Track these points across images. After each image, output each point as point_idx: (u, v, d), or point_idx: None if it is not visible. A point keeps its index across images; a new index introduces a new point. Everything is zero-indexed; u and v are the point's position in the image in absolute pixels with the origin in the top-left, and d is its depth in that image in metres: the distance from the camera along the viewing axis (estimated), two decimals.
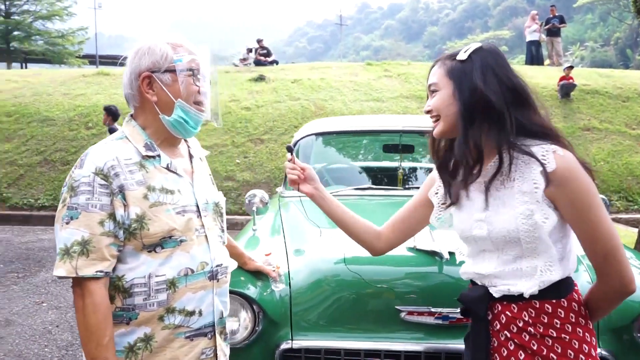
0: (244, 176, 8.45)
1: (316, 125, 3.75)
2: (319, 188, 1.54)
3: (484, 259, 1.30)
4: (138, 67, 1.32)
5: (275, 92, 11.23)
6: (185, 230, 1.32)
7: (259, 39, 15.26)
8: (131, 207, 1.25)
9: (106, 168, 1.25)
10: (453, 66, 1.27)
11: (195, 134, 1.41)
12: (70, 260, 1.20)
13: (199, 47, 1.39)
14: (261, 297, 1.91)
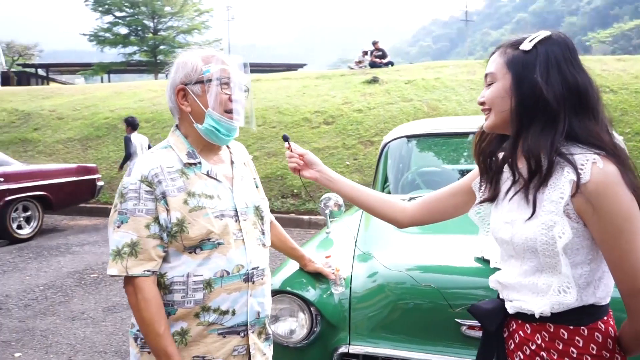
0: (353, 178, 8.53)
1: (407, 128, 3.68)
2: (322, 170, 1.53)
3: (509, 266, 1.21)
4: (174, 81, 1.43)
5: (388, 94, 11.18)
6: (222, 233, 1.39)
7: (374, 40, 15.29)
8: (172, 212, 1.35)
9: (150, 176, 1.35)
10: (514, 56, 1.15)
11: (229, 141, 1.48)
12: (121, 261, 1.32)
13: (231, 57, 1.46)
14: (319, 299, 1.93)
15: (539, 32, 1.16)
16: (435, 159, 3.76)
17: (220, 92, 1.40)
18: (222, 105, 1.40)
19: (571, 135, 1.10)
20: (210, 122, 1.40)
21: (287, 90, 12.36)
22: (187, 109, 1.42)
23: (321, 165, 1.54)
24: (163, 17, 36.60)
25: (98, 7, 35.10)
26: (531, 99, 1.11)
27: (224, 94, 1.41)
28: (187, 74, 1.41)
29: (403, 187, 3.46)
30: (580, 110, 1.10)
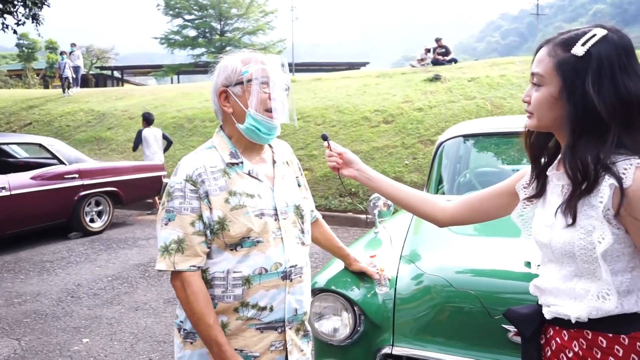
0: (412, 177, 8.40)
1: (464, 127, 3.59)
2: (361, 169, 1.53)
3: (548, 270, 1.16)
4: (216, 84, 1.48)
5: (450, 92, 10.91)
6: (261, 232, 1.42)
7: (437, 37, 14.98)
8: (214, 210, 1.40)
9: (194, 175, 1.41)
10: (565, 61, 1.08)
11: (271, 139, 1.51)
12: (168, 257, 1.38)
13: (270, 57, 1.49)
14: (363, 299, 1.93)
15: (594, 31, 1.08)
16: (492, 159, 3.64)
17: (259, 91, 1.43)
18: (262, 104, 1.43)
19: (618, 146, 1.04)
20: (251, 122, 1.44)
21: (347, 89, 12.36)
22: (229, 110, 1.47)
23: (360, 163, 1.55)
24: (229, 19, 37.72)
25: (169, 11, 36.70)
26: (581, 110, 1.06)
27: (264, 93, 1.44)
28: (228, 76, 1.46)
29: (458, 188, 3.38)
30: (631, 121, 1.04)
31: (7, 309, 4.33)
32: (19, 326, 3.96)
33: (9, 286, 4.94)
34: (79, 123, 13.29)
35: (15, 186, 6.05)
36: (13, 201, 6.01)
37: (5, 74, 38.36)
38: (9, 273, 5.38)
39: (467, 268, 1.99)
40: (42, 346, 3.60)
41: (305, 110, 11.19)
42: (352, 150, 9.79)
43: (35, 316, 4.16)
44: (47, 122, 13.86)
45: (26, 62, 38.31)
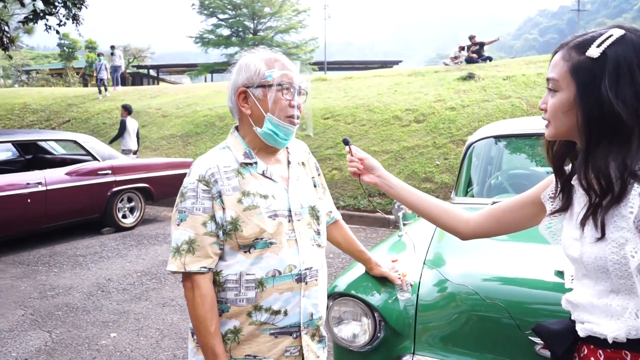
0: (443, 178, 8.26)
1: (494, 127, 3.48)
2: (382, 175, 1.49)
3: (582, 285, 1.09)
4: (236, 82, 1.45)
5: (484, 91, 10.68)
6: (275, 233, 1.39)
7: (471, 35, 14.68)
8: (227, 210, 1.38)
9: (207, 175, 1.39)
10: (580, 64, 1.02)
11: (287, 144, 1.49)
12: (180, 257, 1.37)
13: (292, 63, 1.46)
14: (384, 305, 1.87)
15: (610, 31, 1.02)
16: (525, 161, 3.52)
17: (281, 98, 1.41)
18: (282, 110, 1.41)
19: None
20: (270, 127, 1.41)
21: (379, 88, 12.26)
22: (247, 111, 1.44)
23: (381, 170, 1.51)
24: (262, 18, 38.00)
25: (203, 11, 37.27)
26: (598, 115, 0.99)
27: (285, 100, 1.41)
28: (250, 77, 1.42)
29: (489, 191, 3.28)
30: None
31: (41, 302, 4.45)
32: (50, 319, 4.06)
33: (44, 279, 5.08)
34: (115, 121, 13.58)
35: (50, 181, 6.23)
36: (48, 196, 6.19)
37: (47, 73, 39.72)
38: (44, 266, 5.53)
39: (494, 275, 1.91)
40: (72, 339, 3.68)
41: (335, 109, 11.15)
42: (381, 150, 9.69)
43: (66, 309, 4.26)
44: (84, 120, 14.24)
45: (67, 62, 39.55)
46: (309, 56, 37.93)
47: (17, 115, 15.81)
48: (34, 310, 4.24)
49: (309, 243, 1.47)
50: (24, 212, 5.99)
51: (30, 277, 5.13)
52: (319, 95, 12.43)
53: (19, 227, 6.10)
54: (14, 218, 5.92)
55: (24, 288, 4.81)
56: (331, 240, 1.80)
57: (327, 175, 8.87)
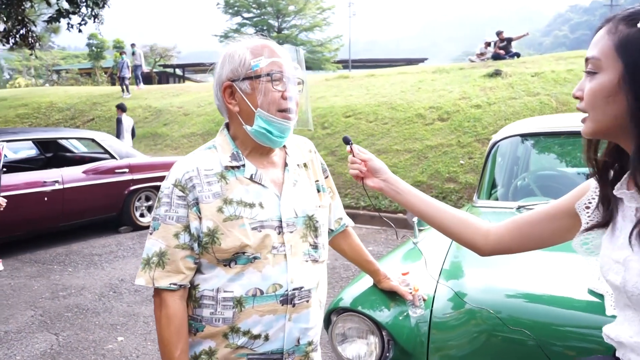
0: (467, 178, 7.96)
1: (521, 125, 3.24)
2: (388, 179, 1.28)
3: (626, 317, 0.89)
4: (220, 76, 1.26)
5: (511, 88, 10.31)
6: (259, 247, 1.22)
7: (498, 31, 14.26)
8: (204, 221, 1.21)
9: (184, 180, 1.23)
10: (630, 37, 0.83)
11: (283, 142, 1.29)
12: (149, 271, 1.22)
13: (283, 47, 1.27)
14: (393, 322, 1.68)
15: None
16: (554, 161, 3.26)
17: (271, 89, 1.22)
18: (274, 104, 1.22)
19: None
20: (261, 124, 1.23)
21: (402, 86, 11.98)
22: (235, 108, 1.26)
23: (387, 173, 1.29)
24: (287, 16, 37.98)
25: (228, 10, 37.47)
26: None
27: (276, 92, 1.22)
28: (234, 69, 1.24)
29: (514, 193, 3.04)
30: None
31: (52, 302, 4.38)
32: (59, 320, 3.98)
33: (57, 278, 5.03)
34: (137, 119, 13.65)
35: (68, 180, 6.19)
36: (66, 194, 6.16)
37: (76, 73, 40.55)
38: (59, 265, 5.49)
39: (518, 292, 1.70)
40: (78, 342, 3.59)
41: (357, 107, 10.93)
42: (404, 149, 9.42)
43: (76, 310, 4.18)
44: (108, 118, 14.36)
45: (95, 61, 40.32)
46: (333, 54, 37.75)
47: (43, 113, 16.06)
48: (44, 311, 4.17)
49: (301, 258, 1.28)
50: (41, 210, 5.96)
51: (44, 276, 5.09)
52: (340, 93, 12.23)
53: (36, 225, 6.08)
54: (31, 216, 5.90)
55: (37, 288, 4.76)
56: (336, 248, 1.61)
57: (347, 175, 8.67)
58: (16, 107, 17.23)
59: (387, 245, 6.15)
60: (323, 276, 1.37)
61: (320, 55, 37.09)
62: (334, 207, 1.53)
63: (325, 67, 35.95)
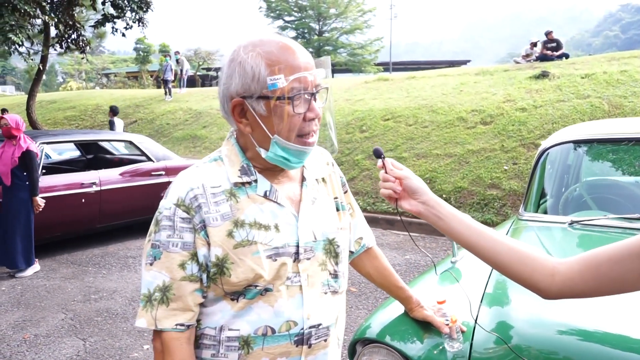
0: (511, 185, 7.59)
1: (573, 131, 2.95)
2: (428, 202, 1.06)
3: None
4: (228, 89, 1.05)
5: (559, 90, 9.80)
6: (273, 278, 1.03)
7: (547, 30, 13.65)
8: (212, 248, 1.02)
9: (188, 199, 1.03)
10: None
11: (301, 164, 1.11)
12: (151, 309, 1.03)
13: (304, 55, 1.04)
14: (426, 356, 1.48)
15: None
16: (609, 169, 2.96)
17: (292, 113, 1.01)
18: (294, 130, 1.02)
19: None
20: (277, 151, 1.04)
21: (443, 88, 11.63)
22: (247, 129, 1.06)
23: (427, 194, 1.07)
24: (328, 19, 37.97)
25: (270, 13, 37.78)
26: None
27: (297, 115, 1.02)
28: (246, 84, 1.01)
29: (565, 206, 2.78)
30: None
31: (83, 305, 4.37)
32: (89, 325, 3.95)
33: (91, 281, 5.04)
34: (178, 121, 13.85)
35: (105, 181, 6.24)
36: (103, 196, 6.20)
37: (124, 76, 41.89)
38: (94, 267, 5.52)
39: (571, 327, 1.47)
40: (105, 349, 3.53)
41: (396, 110, 10.67)
42: (444, 153, 9.12)
43: (106, 315, 4.14)
44: (150, 120, 14.61)
45: (142, 65, 41.54)
46: (374, 57, 37.46)
47: (89, 115, 16.54)
48: (75, 315, 4.15)
49: (319, 290, 1.09)
50: (79, 211, 6.03)
51: (79, 279, 5.11)
52: (379, 96, 11.99)
53: (73, 226, 6.15)
54: (69, 217, 5.97)
55: (70, 290, 4.77)
56: (360, 271, 1.42)
57: None
58: (65, 110, 17.83)
59: (412, 252, 5.90)
60: (342, 309, 1.18)
61: (361, 57, 36.89)
62: (354, 225, 1.34)
63: (366, 69, 35.70)
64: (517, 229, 2.59)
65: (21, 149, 5.01)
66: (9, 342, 3.66)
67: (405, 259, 5.67)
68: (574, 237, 2.31)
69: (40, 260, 5.57)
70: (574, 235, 2.31)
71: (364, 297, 4.41)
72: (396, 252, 5.93)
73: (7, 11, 10.08)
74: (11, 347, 3.57)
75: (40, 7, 10.81)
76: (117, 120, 11.37)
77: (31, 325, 3.94)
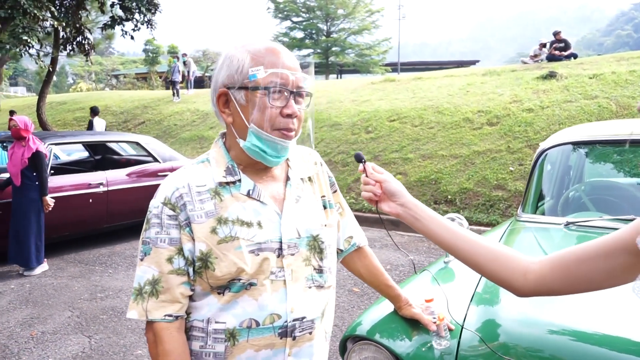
0: (517, 186, 7.57)
1: (574, 132, 2.97)
2: (406, 204, 1.10)
3: None
4: (216, 81, 1.14)
5: (567, 90, 9.76)
6: (256, 273, 1.09)
7: (555, 31, 13.59)
8: (197, 243, 1.09)
9: (174, 198, 1.11)
10: None
11: (279, 162, 1.16)
12: (142, 302, 1.09)
13: (288, 54, 1.12)
14: (414, 354, 1.52)
15: None
16: (610, 171, 2.97)
17: (268, 105, 1.08)
18: (269, 121, 1.09)
19: None
20: (254, 141, 1.10)
21: (449, 89, 11.62)
22: (229, 119, 1.14)
23: (405, 196, 1.12)
24: (336, 20, 37.95)
25: (278, 14, 37.85)
26: None
27: (274, 108, 1.09)
28: (231, 75, 1.11)
29: (563, 207, 2.79)
30: None
31: (89, 303, 4.44)
32: (94, 322, 4.01)
33: (97, 280, 5.11)
34: (185, 122, 13.95)
35: (112, 182, 6.33)
36: (110, 196, 6.29)
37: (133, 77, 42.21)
38: (101, 266, 5.60)
39: (559, 326, 1.49)
40: (109, 346, 3.59)
41: (402, 111, 10.68)
42: (450, 154, 9.12)
43: (111, 313, 4.21)
44: (158, 122, 14.74)
45: (150, 66, 41.84)
46: (382, 57, 37.41)
47: None
48: (81, 313, 4.22)
49: (303, 285, 1.14)
50: (86, 211, 6.12)
51: (85, 277, 5.19)
52: (385, 97, 12.00)
53: (81, 226, 6.24)
54: (77, 217, 6.06)
55: (77, 288, 4.85)
56: (351, 269, 1.46)
57: None
58: (74, 111, 18.03)
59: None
60: (330, 304, 1.23)
61: (369, 58, 36.85)
62: (344, 224, 1.38)
63: (374, 70, 35.66)
64: (513, 230, 2.61)
65: (30, 150, 5.10)
66: (17, 338, 3.74)
67: (409, 259, 5.69)
68: (569, 238, 2.33)
69: (49, 259, 5.66)
70: (570, 236, 2.33)
71: (366, 297, 4.44)
72: (399, 253, 5.95)
73: (19, 14, 10.25)
74: (19, 344, 3.65)
75: (50, 11, 10.96)
76: (97, 120, 11.75)
77: (38, 323, 4.02)
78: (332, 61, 37.17)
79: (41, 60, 12.50)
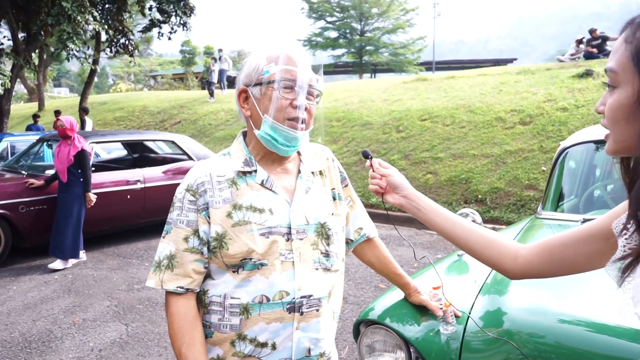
0: None
1: (595, 130, 2.98)
2: (409, 195, 1.21)
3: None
4: (238, 82, 1.32)
5: (604, 89, 9.53)
6: (266, 253, 1.22)
7: (591, 28, 13.27)
8: (213, 225, 1.23)
9: (195, 185, 1.26)
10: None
11: (292, 151, 1.30)
12: (159, 273, 1.25)
13: (301, 56, 1.27)
14: (422, 338, 1.62)
15: None
16: None
17: (280, 96, 1.23)
18: (280, 111, 1.24)
19: None
20: (266, 129, 1.25)
21: (482, 88, 11.52)
22: (247, 112, 1.30)
23: (408, 189, 1.23)
24: (370, 19, 37.87)
25: (312, 14, 38.06)
26: None
27: (284, 99, 1.24)
28: (249, 74, 1.28)
29: (586, 206, 2.82)
30: None
31: (127, 294, 4.69)
32: (131, 312, 4.25)
33: (134, 272, 5.37)
34: (219, 122, 14.28)
35: (149, 179, 6.61)
36: (147, 193, 6.57)
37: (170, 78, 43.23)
38: (138, 259, 5.87)
39: (562, 315, 1.56)
40: (145, 334, 3.80)
41: (433, 110, 10.66)
42: (481, 153, 9.03)
43: (147, 303, 4.44)
44: (193, 121, 15.12)
45: (187, 67, 42.74)
46: (416, 56, 37.12)
47: (136, 116, 17.26)
48: (119, 302, 4.47)
49: (310, 266, 1.26)
50: (125, 207, 6.41)
51: (123, 270, 5.46)
52: (417, 96, 11.99)
53: (120, 221, 6.54)
54: (115, 213, 6.36)
55: (116, 280, 5.12)
56: (364, 260, 1.58)
57: (420, 180, 8.48)
58: (114, 111, 18.68)
59: (444, 251, 5.94)
60: (338, 287, 1.34)
61: (403, 57, 36.64)
62: (354, 216, 1.50)
63: (408, 69, 35.42)
64: (532, 227, 2.66)
65: (76, 148, 5.40)
66: (60, 324, 4.00)
67: (437, 257, 5.73)
68: None
69: (89, 252, 5.97)
70: None
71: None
72: (428, 251, 6.01)
73: (65, 20, 10.77)
74: (62, 329, 3.91)
75: (92, 15, 11.46)
76: (88, 120, 12.96)
77: (80, 310, 4.28)
78: (365, 60, 37.10)
79: (87, 62, 13.07)
